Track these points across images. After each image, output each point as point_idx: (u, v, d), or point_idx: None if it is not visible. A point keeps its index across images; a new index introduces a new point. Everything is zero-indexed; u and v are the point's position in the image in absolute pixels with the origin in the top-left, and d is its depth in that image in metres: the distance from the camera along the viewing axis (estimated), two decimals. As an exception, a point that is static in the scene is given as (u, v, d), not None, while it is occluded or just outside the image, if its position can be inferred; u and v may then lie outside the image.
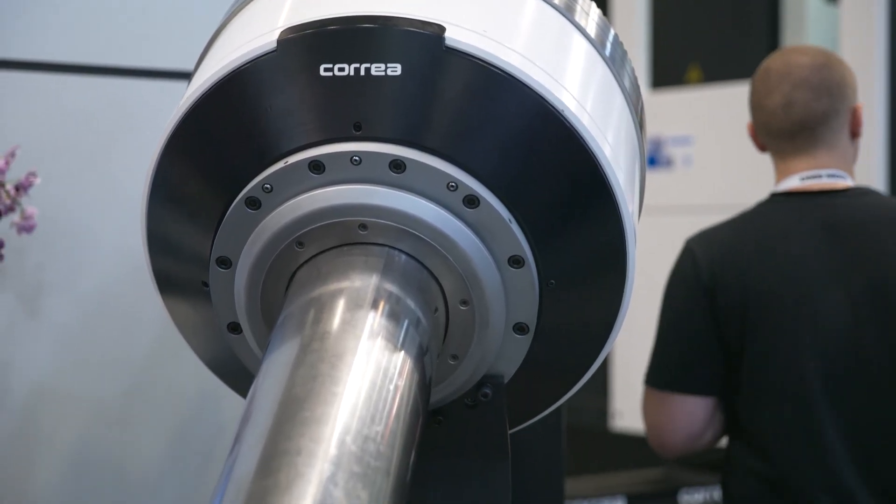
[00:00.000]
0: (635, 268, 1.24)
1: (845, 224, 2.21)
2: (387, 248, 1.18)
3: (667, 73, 4.92)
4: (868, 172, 3.94)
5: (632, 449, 4.46)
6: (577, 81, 1.21)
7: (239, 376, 1.33)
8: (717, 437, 2.34)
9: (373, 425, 0.99)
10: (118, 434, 2.11)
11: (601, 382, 4.89)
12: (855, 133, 2.28)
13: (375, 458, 0.96)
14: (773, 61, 2.30)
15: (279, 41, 1.18)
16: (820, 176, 2.24)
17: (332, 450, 0.94)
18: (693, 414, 2.27)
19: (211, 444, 2.16)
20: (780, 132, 2.25)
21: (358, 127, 1.17)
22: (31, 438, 2.04)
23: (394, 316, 1.13)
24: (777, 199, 2.28)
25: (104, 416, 2.10)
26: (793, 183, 2.25)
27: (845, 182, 2.25)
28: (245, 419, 1.02)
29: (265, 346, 1.22)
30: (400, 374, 1.07)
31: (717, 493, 3.84)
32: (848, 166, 2.28)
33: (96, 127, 2.09)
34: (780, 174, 2.29)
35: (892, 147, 4.05)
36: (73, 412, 2.08)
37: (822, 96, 2.24)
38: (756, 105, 2.29)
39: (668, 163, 4.66)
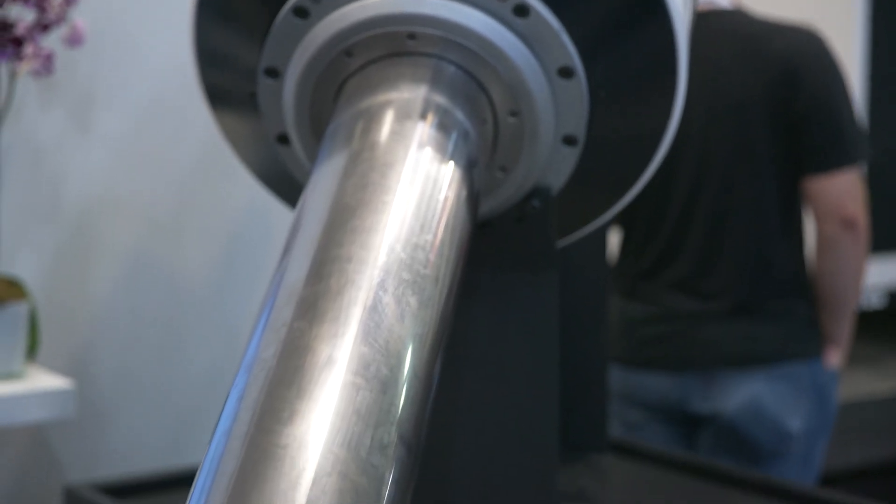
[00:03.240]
0: (686, 77, 1.22)
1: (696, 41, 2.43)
2: (435, 59, 1.17)
3: None
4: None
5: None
6: None
7: (288, 188, 1.34)
8: None
9: (422, 234, 0.99)
10: (170, 243, 2.14)
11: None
12: None
13: (424, 265, 0.97)
14: None
15: None
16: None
17: (382, 257, 0.94)
18: None
19: (260, 255, 2.19)
20: None
21: None
22: (86, 247, 2.07)
23: (443, 127, 1.13)
24: None
25: (155, 226, 2.12)
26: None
27: (720, 4, 2.50)
28: (295, 228, 1.02)
29: (314, 157, 1.22)
30: (449, 184, 1.08)
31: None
32: None
33: (142, -62, 2.07)
34: None
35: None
36: (125, 221, 2.10)
37: None
38: None
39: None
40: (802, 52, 2.39)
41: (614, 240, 2.56)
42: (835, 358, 2.47)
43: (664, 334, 2.48)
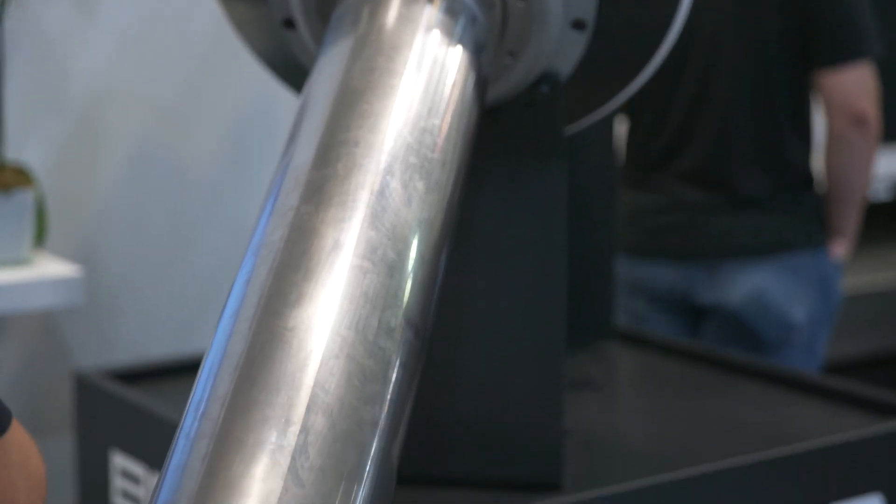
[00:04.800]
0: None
1: None
2: (443, -59, 1.16)
3: None
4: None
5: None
6: None
7: (294, 73, 1.33)
8: None
9: (430, 118, 0.99)
10: (177, 132, 2.13)
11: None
12: None
13: (432, 150, 0.96)
14: None
15: None
16: None
17: (390, 141, 0.94)
18: None
19: (268, 143, 2.18)
20: None
21: None
22: (93, 135, 2.07)
23: (450, 11, 1.11)
24: None
25: (163, 116, 2.12)
26: None
27: None
28: (301, 113, 1.02)
29: (320, 41, 1.21)
30: (457, 69, 1.07)
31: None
32: None
33: None
34: None
35: None
36: (132, 112, 2.09)
37: None
38: None
39: None
40: None
41: (621, 130, 2.55)
42: (840, 249, 2.47)
43: (672, 225, 2.48)
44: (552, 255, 1.33)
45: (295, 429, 0.75)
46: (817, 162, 2.50)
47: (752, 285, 2.43)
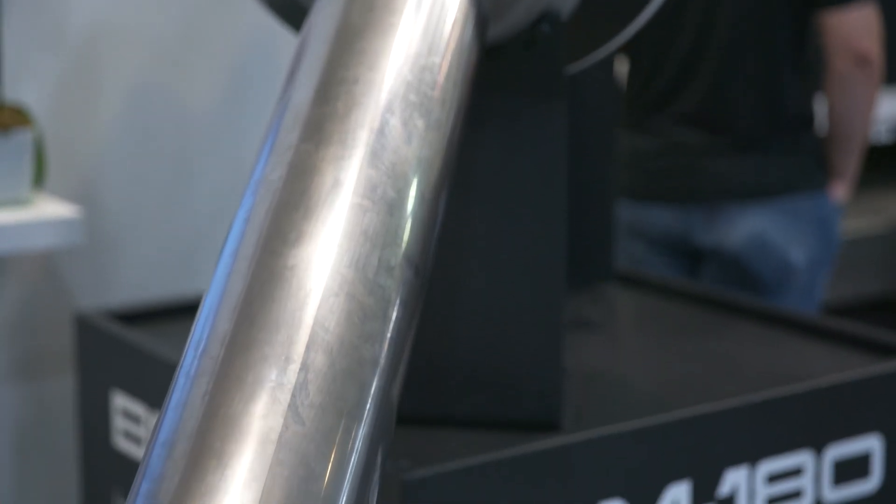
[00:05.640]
0: None
1: None
2: None
3: None
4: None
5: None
6: None
7: (292, 11, 1.32)
8: None
9: (430, 56, 0.98)
10: (175, 72, 2.12)
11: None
12: None
13: (432, 87, 0.96)
14: None
15: None
16: None
17: (390, 79, 0.94)
18: None
19: (267, 84, 2.18)
20: None
21: None
22: (91, 75, 2.06)
23: (451, -51, 1.10)
24: None
25: (162, 55, 2.10)
26: None
27: None
28: (300, 51, 1.01)
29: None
30: (457, 7, 1.06)
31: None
32: None
33: None
34: None
35: None
36: (131, 50, 2.08)
37: None
38: None
39: None
40: None
41: (622, 71, 2.53)
42: (840, 191, 2.47)
43: (671, 167, 2.47)
44: (552, 197, 1.33)
45: (295, 367, 0.75)
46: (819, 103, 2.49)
47: (751, 228, 2.43)
